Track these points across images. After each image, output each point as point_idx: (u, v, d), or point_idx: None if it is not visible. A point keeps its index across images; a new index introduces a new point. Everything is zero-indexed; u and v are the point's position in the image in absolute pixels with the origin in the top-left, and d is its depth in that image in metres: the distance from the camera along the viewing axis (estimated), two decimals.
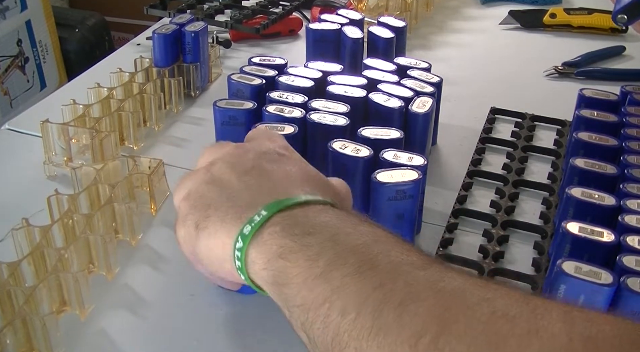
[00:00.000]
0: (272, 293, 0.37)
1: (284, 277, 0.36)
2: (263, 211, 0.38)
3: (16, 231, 0.52)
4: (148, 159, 0.62)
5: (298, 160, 0.46)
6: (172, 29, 0.76)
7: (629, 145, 0.58)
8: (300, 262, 0.35)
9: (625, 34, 1.00)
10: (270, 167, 0.43)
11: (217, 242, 0.40)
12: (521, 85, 0.87)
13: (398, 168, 0.53)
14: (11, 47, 1.75)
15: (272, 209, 0.38)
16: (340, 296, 0.33)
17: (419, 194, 0.54)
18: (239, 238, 0.38)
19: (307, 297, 0.34)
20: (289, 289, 0.35)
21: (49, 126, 0.65)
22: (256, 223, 0.38)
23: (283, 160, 0.45)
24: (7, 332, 0.44)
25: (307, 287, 0.34)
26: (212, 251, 0.41)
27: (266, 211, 0.38)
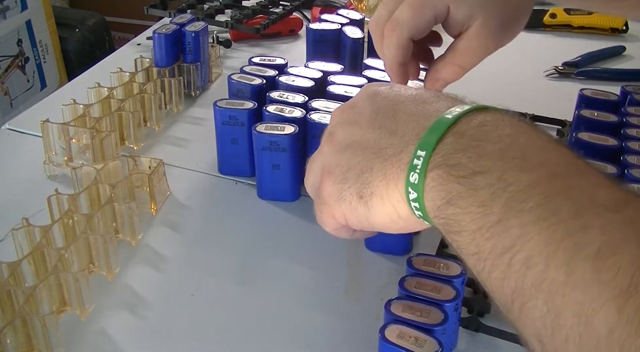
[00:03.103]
0: (447, 239, 0.34)
1: (455, 225, 0.33)
2: (419, 151, 0.35)
3: (16, 231, 0.52)
4: (148, 159, 0.62)
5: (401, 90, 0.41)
6: (172, 29, 0.76)
7: (629, 146, 0.58)
8: (471, 209, 0.32)
9: (625, 34, 1.00)
10: (390, 101, 0.40)
11: (390, 202, 0.37)
12: (521, 85, 0.87)
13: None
14: (11, 47, 1.75)
15: (428, 144, 0.35)
16: (523, 246, 0.29)
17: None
18: (410, 190, 0.35)
19: (482, 246, 0.31)
20: (461, 237, 0.33)
21: (49, 126, 0.65)
22: (420, 168, 0.34)
23: (394, 89, 0.41)
24: (7, 332, 0.44)
25: (482, 236, 0.31)
26: (389, 213, 0.38)
27: (423, 150, 0.35)
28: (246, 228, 0.59)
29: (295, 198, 0.62)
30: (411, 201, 0.36)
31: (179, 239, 0.59)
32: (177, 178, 0.65)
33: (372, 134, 0.38)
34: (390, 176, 0.36)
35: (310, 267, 0.55)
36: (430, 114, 0.37)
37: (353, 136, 0.39)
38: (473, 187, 0.32)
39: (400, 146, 0.36)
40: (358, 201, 0.38)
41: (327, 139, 0.41)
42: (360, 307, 0.51)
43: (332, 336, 0.48)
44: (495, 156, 0.33)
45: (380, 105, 0.40)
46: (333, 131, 0.41)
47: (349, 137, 0.39)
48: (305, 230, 0.58)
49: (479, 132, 0.34)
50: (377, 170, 0.37)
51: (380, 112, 0.39)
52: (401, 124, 0.37)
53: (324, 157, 0.41)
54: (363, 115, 0.40)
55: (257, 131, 0.58)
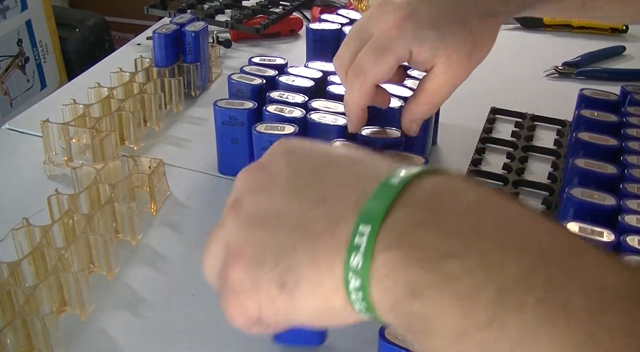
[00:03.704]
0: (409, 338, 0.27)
1: (423, 324, 0.25)
2: (361, 226, 0.27)
3: (16, 231, 0.52)
4: (148, 159, 0.62)
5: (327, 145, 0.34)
6: (172, 29, 0.76)
7: (629, 146, 0.58)
8: (446, 304, 0.24)
9: (625, 34, 1.00)
10: (312, 161, 0.32)
11: (322, 291, 0.28)
12: (521, 85, 0.87)
13: None
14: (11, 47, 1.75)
15: (373, 217, 0.27)
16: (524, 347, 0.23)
17: None
18: (351, 276, 0.27)
19: None
20: (434, 339, 0.25)
21: (49, 126, 0.65)
22: (365, 249, 0.26)
23: (315, 146, 0.33)
24: (7, 332, 0.44)
25: (467, 341, 0.24)
26: (318, 306, 0.29)
27: (367, 224, 0.27)
28: None
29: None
30: (352, 291, 0.27)
31: (179, 239, 0.59)
32: (177, 178, 0.65)
33: (292, 203, 0.30)
34: (322, 259, 0.28)
35: None
36: (369, 177, 0.29)
37: (266, 206, 0.31)
38: (446, 275, 0.25)
39: (332, 219, 0.28)
40: (279, 291, 0.29)
41: (232, 210, 0.32)
42: None
43: (331, 336, 0.48)
44: (468, 233, 0.25)
45: (300, 166, 0.31)
46: (239, 199, 0.32)
47: (260, 207, 0.31)
48: None
49: (437, 202, 0.27)
50: (304, 252, 0.28)
51: (300, 174, 0.31)
52: (331, 190, 0.29)
53: (230, 234, 0.31)
54: (277, 179, 0.31)
55: (257, 131, 0.58)
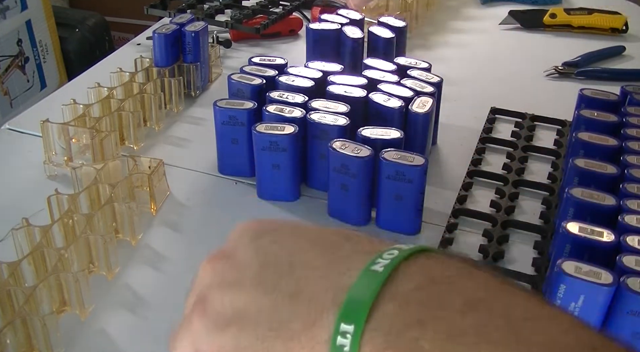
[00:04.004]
0: None
1: None
2: (343, 324, 0.24)
3: (16, 231, 0.52)
4: (148, 159, 0.62)
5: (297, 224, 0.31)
6: (172, 29, 0.76)
7: (629, 146, 0.58)
8: None
9: (625, 34, 1.00)
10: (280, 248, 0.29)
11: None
12: (521, 85, 0.87)
13: None
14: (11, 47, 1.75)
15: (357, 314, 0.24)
16: None
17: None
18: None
19: None
20: None
21: (49, 126, 0.65)
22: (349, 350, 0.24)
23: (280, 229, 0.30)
24: (7, 332, 0.44)
25: None
26: None
27: (349, 323, 0.24)
28: None
29: (295, 198, 0.62)
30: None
31: (179, 239, 0.59)
32: (177, 178, 0.65)
33: (264, 300, 0.27)
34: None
35: None
36: (348, 263, 0.26)
37: (235, 304, 0.27)
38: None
39: (310, 317, 0.25)
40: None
41: (197, 309, 0.29)
42: None
43: None
44: (471, 336, 0.23)
45: (268, 256, 0.28)
46: (204, 296, 0.29)
47: (229, 306, 0.28)
48: None
49: (431, 296, 0.24)
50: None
51: (269, 266, 0.28)
52: (306, 283, 0.26)
53: (197, 337, 0.29)
54: (245, 271, 0.28)
55: (257, 131, 0.58)
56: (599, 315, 0.43)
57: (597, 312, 0.43)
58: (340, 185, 0.57)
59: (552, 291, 0.44)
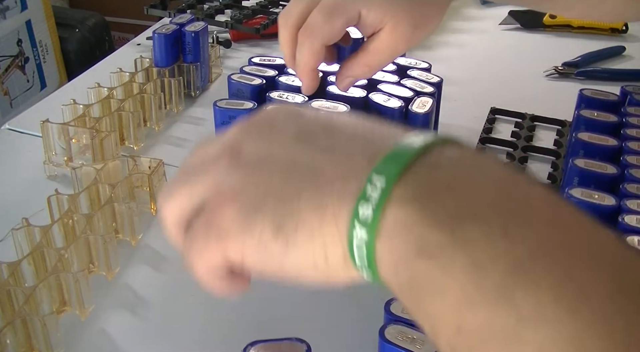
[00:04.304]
0: (405, 301, 0.26)
1: (426, 285, 0.24)
2: (376, 176, 0.25)
3: (16, 231, 0.52)
4: (148, 159, 0.62)
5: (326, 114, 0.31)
6: (172, 29, 0.76)
7: (629, 146, 0.58)
8: (458, 268, 0.23)
9: (625, 34, 1.00)
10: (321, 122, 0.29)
11: (322, 241, 0.27)
12: (521, 85, 0.87)
13: None
14: (11, 47, 1.75)
15: (389, 170, 0.25)
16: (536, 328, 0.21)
17: None
18: (356, 228, 0.25)
19: (470, 320, 0.23)
20: (435, 302, 0.24)
21: (49, 126, 0.65)
22: (378, 201, 0.25)
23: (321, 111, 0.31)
24: (7, 332, 0.44)
25: (471, 307, 0.23)
26: (315, 256, 0.27)
27: (382, 175, 0.25)
28: None
29: None
30: (355, 245, 0.25)
31: None
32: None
33: (301, 151, 0.28)
34: (327, 207, 0.26)
35: None
36: (384, 136, 0.27)
37: (271, 150, 0.28)
38: (464, 239, 0.23)
39: (344, 168, 0.26)
40: (274, 237, 0.27)
41: (227, 152, 0.29)
42: (360, 308, 0.51)
43: (331, 336, 0.48)
44: (491, 201, 0.24)
45: (308, 126, 0.29)
46: (237, 144, 0.29)
47: (264, 151, 0.28)
48: None
49: (461, 167, 0.26)
50: (308, 199, 0.27)
51: (308, 131, 0.29)
52: (342, 144, 0.28)
53: (224, 174, 0.29)
54: (284, 132, 0.29)
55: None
56: None
57: None
58: None
59: None
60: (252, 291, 0.53)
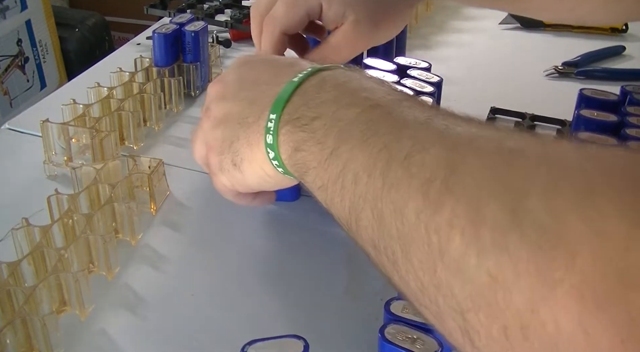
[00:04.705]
0: (302, 183, 0.39)
1: (303, 167, 0.38)
2: (271, 114, 0.40)
3: (16, 231, 0.52)
4: (148, 159, 0.62)
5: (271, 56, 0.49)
6: (172, 29, 0.76)
7: (629, 146, 0.58)
8: (312, 149, 0.37)
9: (625, 34, 1.00)
10: (253, 71, 0.45)
11: (258, 164, 0.42)
12: (521, 85, 0.87)
13: None
14: (11, 46, 1.75)
15: (277, 107, 0.40)
16: (350, 166, 0.34)
17: None
18: (268, 150, 0.40)
19: (323, 177, 0.36)
20: (309, 175, 0.37)
21: (49, 126, 0.65)
22: (273, 129, 0.39)
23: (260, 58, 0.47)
24: (7, 332, 0.44)
25: (322, 169, 0.36)
26: (259, 174, 0.43)
27: (274, 113, 0.40)
28: (246, 228, 0.59)
29: (295, 198, 0.62)
30: (272, 160, 0.41)
31: (179, 239, 0.59)
32: (177, 178, 0.65)
33: (237, 106, 0.43)
34: (253, 142, 0.42)
35: (310, 266, 0.55)
36: (282, 80, 0.41)
37: (224, 110, 0.45)
38: (312, 131, 0.37)
39: (257, 113, 0.42)
40: (234, 168, 0.44)
41: (205, 115, 0.47)
42: (360, 307, 0.51)
43: (332, 336, 0.48)
44: (330, 102, 0.37)
45: (243, 76, 0.45)
46: (209, 107, 0.47)
47: (221, 111, 0.45)
48: (306, 230, 0.58)
49: (318, 86, 0.39)
50: (243, 139, 0.43)
51: (243, 83, 0.44)
52: (259, 93, 0.42)
53: (205, 133, 0.46)
54: (230, 88, 0.45)
55: None
56: None
57: None
58: None
59: None
60: (252, 291, 0.53)
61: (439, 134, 0.31)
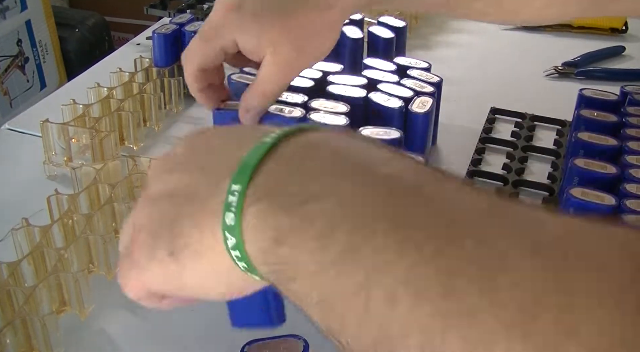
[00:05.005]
0: (283, 291, 0.27)
1: (290, 271, 0.26)
2: (233, 185, 0.27)
3: (16, 231, 0.52)
4: (148, 159, 0.62)
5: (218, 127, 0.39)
6: (172, 29, 0.76)
7: (628, 146, 0.58)
8: (308, 245, 0.25)
9: (625, 34, 1.00)
10: (205, 139, 0.34)
11: (207, 254, 0.29)
12: (521, 85, 0.87)
13: None
14: (11, 47, 1.75)
15: (243, 175, 0.27)
16: (379, 278, 0.23)
17: None
18: (227, 234, 0.27)
19: (328, 289, 0.25)
20: (300, 284, 0.26)
21: (49, 126, 0.65)
22: (236, 206, 0.27)
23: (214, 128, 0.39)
24: (7, 332, 0.44)
25: (325, 277, 0.25)
26: (206, 270, 0.30)
27: (237, 183, 0.27)
28: None
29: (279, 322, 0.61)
30: (231, 250, 0.28)
31: None
32: None
33: (185, 178, 0.31)
34: (203, 222, 0.29)
35: None
36: (246, 142, 0.29)
37: (167, 185, 0.32)
38: (306, 217, 0.25)
39: (213, 184, 0.29)
40: (169, 258, 0.30)
41: (142, 196, 0.34)
42: None
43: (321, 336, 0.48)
44: (329, 176, 0.27)
45: (195, 145, 0.34)
46: (147, 186, 0.34)
47: (163, 187, 0.32)
48: None
49: (305, 152, 0.28)
50: (189, 217, 0.29)
51: (194, 152, 0.33)
52: (213, 160, 0.31)
53: (137, 214, 0.33)
54: (178, 160, 0.33)
55: None
56: None
57: None
58: None
59: None
60: None
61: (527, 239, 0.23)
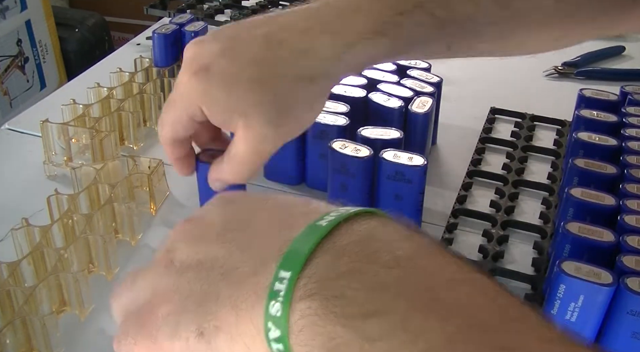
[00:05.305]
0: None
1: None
2: (282, 271, 0.26)
3: (16, 231, 0.52)
4: (148, 159, 0.62)
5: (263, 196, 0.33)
6: (172, 29, 0.76)
7: (628, 146, 0.58)
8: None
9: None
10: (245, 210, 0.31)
11: (243, 340, 0.27)
12: (521, 85, 0.87)
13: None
14: (11, 47, 1.75)
15: (294, 262, 0.26)
16: None
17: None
18: (270, 325, 0.25)
19: None
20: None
21: (49, 126, 0.65)
22: (284, 295, 0.25)
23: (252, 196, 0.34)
24: (7, 332, 0.44)
25: None
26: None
27: (287, 270, 0.26)
28: None
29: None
30: (272, 341, 0.26)
31: None
32: (176, 178, 0.65)
33: (221, 251, 0.29)
34: (242, 305, 0.27)
35: None
36: (296, 221, 0.28)
37: (198, 255, 0.30)
38: (366, 337, 0.23)
39: (255, 265, 0.27)
40: (197, 339, 0.28)
41: (163, 257, 0.31)
42: None
43: None
44: (392, 289, 0.24)
45: (233, 216, 0.31)
46: (173, 248, 0.31)
47: (192, 255, 0.30)
48: None
49: (365, 250, 0.26)
50: (225, 298, 0.27)
51: (232, 223, 0.30)
52: (257, 236, 0.29)
53: (157, 279, 0.30)
54: (211, 228, 0.31)
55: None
56: (598, 315, 0.43)
57: (596, 312, 0.43)
58: (340, 185, 0.57)
59: (551, 291, 0.44)
60: None
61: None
